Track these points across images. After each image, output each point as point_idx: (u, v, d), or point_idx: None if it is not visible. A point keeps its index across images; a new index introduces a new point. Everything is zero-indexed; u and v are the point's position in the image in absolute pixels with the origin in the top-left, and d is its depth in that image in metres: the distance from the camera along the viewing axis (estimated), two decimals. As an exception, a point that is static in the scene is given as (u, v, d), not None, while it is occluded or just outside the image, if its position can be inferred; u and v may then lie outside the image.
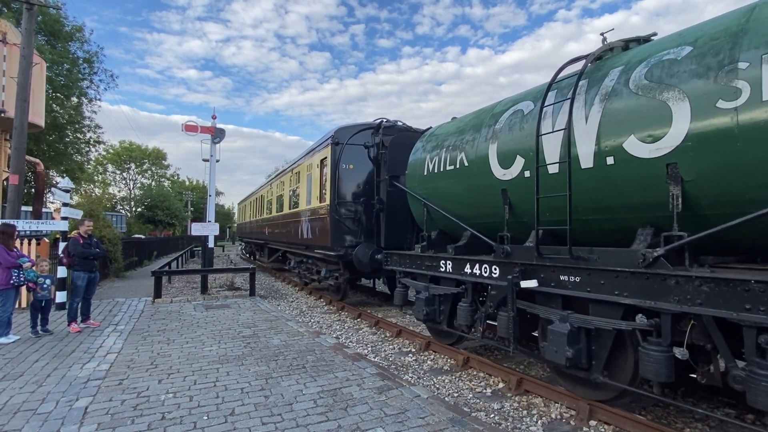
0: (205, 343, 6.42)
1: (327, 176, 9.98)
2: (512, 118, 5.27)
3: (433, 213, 6.73)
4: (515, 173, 5.01)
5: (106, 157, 56.91)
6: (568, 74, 4.82)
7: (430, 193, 6.74)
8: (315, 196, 10.88)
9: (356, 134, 9.78)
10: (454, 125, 6.81)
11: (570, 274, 4.20)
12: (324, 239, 9.90)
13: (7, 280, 6.41)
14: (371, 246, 9.14)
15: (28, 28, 10.52)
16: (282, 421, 3.82)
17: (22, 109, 10.24)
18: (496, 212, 5.33)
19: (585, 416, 4.18)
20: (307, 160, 11.96)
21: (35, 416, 3.89)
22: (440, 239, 6.77)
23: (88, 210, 14.37)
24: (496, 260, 5.10)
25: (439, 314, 6.28)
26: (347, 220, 9.52)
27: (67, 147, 22.92)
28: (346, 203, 9.60)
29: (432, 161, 6.69)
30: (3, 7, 18.65)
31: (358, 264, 9.04)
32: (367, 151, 9.74)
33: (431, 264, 6.42)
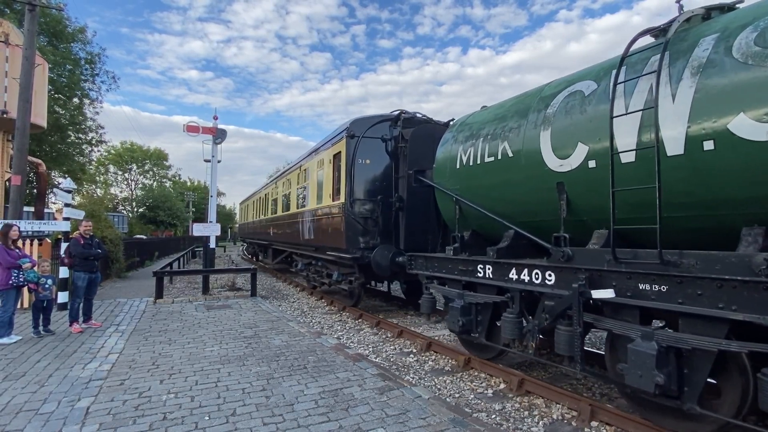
0: (207, 344, 6.42)
1: (341, 172, 9.25)
2: (569, 101, 4.59)
3: (467, 211, 6.07)
4: (575, 163, 4.34)
5: (108, 158, 57.03)
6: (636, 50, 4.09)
7: (464, 189, 6.05)
8: (327, 194, 10.08)
9: (373, 126, 9.05)
10: (491, 112, 6.11)
11: (654, 282, 3.51)
12: (337, 240, 9.21)
13: (6, 280, 6.42)
14: (390, 248, 8.43)
15: (31, 29, 10.55)
16: (283, 421, 3.82)
17: (25, 110, 10.27)
18: (548, 209, 4.71)
19: (587, 417, 4.17)
20: (318, 156, 11.23)
21: (37, 416, 3.89)
22: (474, 240, 6.08)
23: (89, 210, 14.39)
24: (552, 265, 4.38)
25: (476, 325, 5.57)
26: (363, 220, 8.82)
27: (69, 148, 22.97)
28: (362, 201, 8.89)
29: (466, 153, 6.00)
30: (5, 8, 18.70)
31: (377, 268, 8.34)
32: (384, 145, 9.06)
33: (466, 268, 5.69)
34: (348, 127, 9.08)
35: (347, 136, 8.97)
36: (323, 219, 10.30)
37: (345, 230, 8.83)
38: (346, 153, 8.99)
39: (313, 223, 11.12)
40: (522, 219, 5.22)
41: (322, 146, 10.98)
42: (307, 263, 12.62)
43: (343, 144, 9.22)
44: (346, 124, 9.29)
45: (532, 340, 4.73)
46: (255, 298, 11.01)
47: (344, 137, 9.11)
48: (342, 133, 9.35)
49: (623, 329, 3.77)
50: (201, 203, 59.99)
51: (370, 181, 9.03)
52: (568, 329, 4.13)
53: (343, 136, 9.26)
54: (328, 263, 10.81)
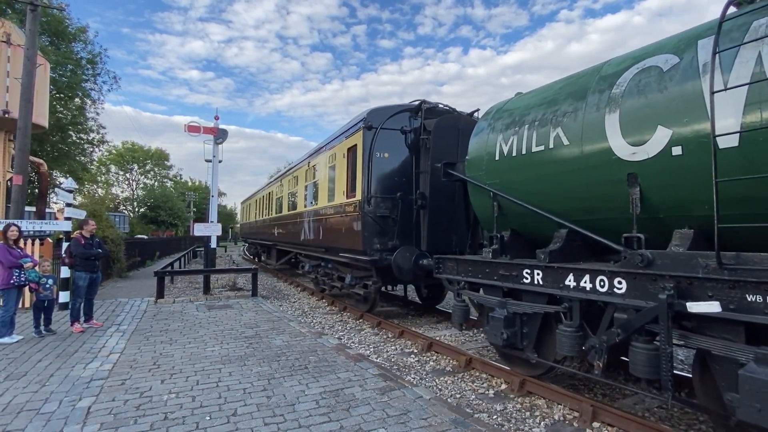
0: (208, 344, 6.42)
1: (356, 167, 8.57)
2: (643, 78, 3.99)
3: (507, 208, 5.41)
4: (654, 150, 3.73)
5: (109, 158, 57.15)
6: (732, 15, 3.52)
7: (504, 183, 5.38)
8: (340, 192, 9.41)
9: (392, 117, 8.35)
10: (535, 96, 5.46)
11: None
12: (353, 241, 8.56)
13: (8, 280, 6.43)
14: (413, 250, 7.78)
15: (32, 29, 10.56)
16: (284, 421, 3.82)
17: (26, 109, 10.28)
18: (612, 205, 4.16)
19: (588, 418, 4.16)
20: (329, 150, 10.50)
21: (38, 416, 3.89)
22: (513, 242, 5.42)
23: (91, 210, 14.39)
24: (624, 271, 3.74)
25: (521, 338, 4.96)
26: (382, 219, 8.13)
27: (70, 148, 23.00)
28: (380, 199, 8.19)
29: (506, 143, 5.34)
30: (7, 8, 18.74)
31: (398, 271, 7.67)
32: (404, 138, 8.40)
33: (508, 273, 5.05)
34: (365, 117, 8.34)
35: (364, 127, 8.23)
36: (335, 218, 9.65)
37: (362, 230, 8.16)
38: (363, 146, 8.29)
39: (324, 222, 10.47)
40: (577, 217, 4.56)
41: (334, 140, 10.23)
42: (315, 265, 12.02)
43: (359, 136, 8.52)
44: (363, 115, 8.56)
45: (598, 359, 4.04)
46: (256, 298, 11.01)
47: (361, 129, 8.38)
48: (358, 125, 8.64)
49: (729, 350, 3.12)
50: (202, 203, 60.06)
51: (388, 177, 8.34)
52: (650, 348, 3.49)
53: (359, 127, 8.51)
54: (339, 265, 10.17)
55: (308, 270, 12.61)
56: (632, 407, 4.57)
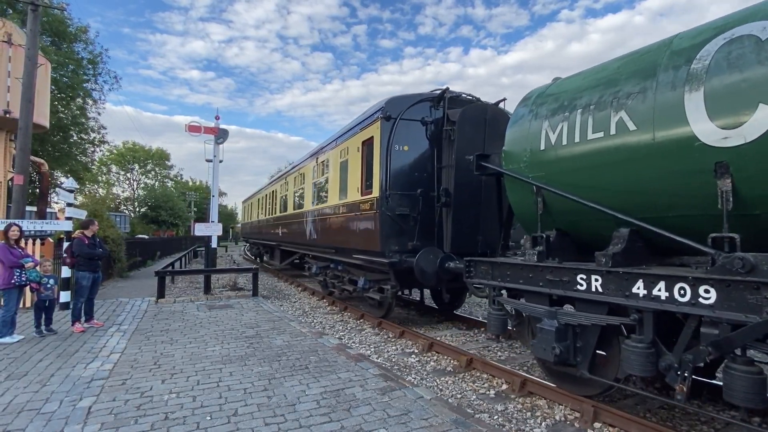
0: (208, 344, 6.42)
1: (373, 162, 7.95)
2: (734, 49, 3.43)
3: (553, 204, 4.78)
4: (754, 134, 3.16)
5: (110, 158, 57.22)
6: None
7: (551, 176, 4.73)
8: (354, 188, 8.78)
9: (412, 107, 7.73)
10: (587, 77, 4.80)
11: None
12: (369, 241, 7.97)
13: (8, 280, 6.44)
14: (437, 251, 7.18)
15: (33, 29, 10.57)
16: (285, 421, 3.81)
17: (27, 109, 10.29)
18: (693, 201, 3.62)
19: (589, 418, 4.16)
20: (341, 144, 9.81)
21: (39, 416, 3.89)
22: (560, 243, 4.78)
23: (92, 210, 14.40)
24: (717, 277, 3.16)
25: (575, 354, 4.33)
26: (401, 218, 7.53)
27: (71, 147, 23.03)
28: (399, 195, 7.58)
29: (554, 130, 4.73)
30: (8, 8, 18.76)
31: (421, 275, 7.05)
32: (424, 129, 7.81)
33: (558, 279, 4.38)
34: (383, 107, 7.70)
35: (382, 117, 7.58)
36: (348, 217, 9.03)
37: (379, 229, 7.54)
38: (381, 138, 7.67)
39: (334, 221, 9.88)
40: (644, 214, 3.98)
41: (347, 133, 9.58)
42: (324, 267, 11.44)
43: (376, 128, 7.86)
44: (381, 104, 7.94)
45: (680, 381, 3.41)
46: (256, 298, 11.01)
47: (378, 119, 7.74)
48: (375, 115, 7.98)
49: None
50: (203, 203, 60.13)
51: (408, 172, 7.73)
52: (754, 371, 3.02)
53: (376, 117, 7.86)
54: (350, 267, 9.57)
55: (315, 272, 12.01)
56: (633, 407, 4.56)
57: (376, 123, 7.86)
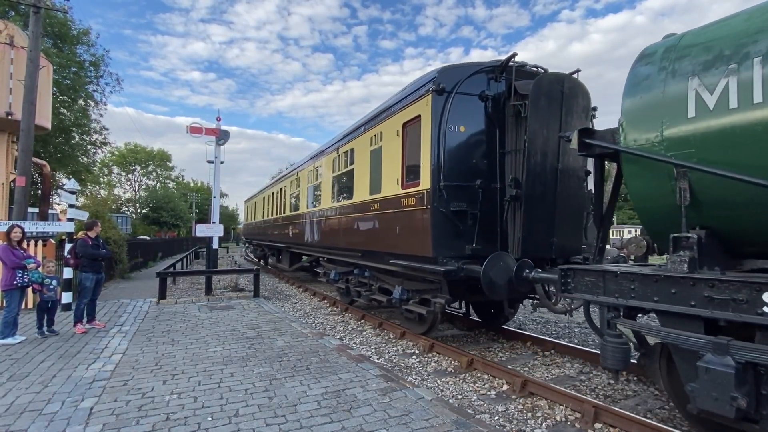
0: (210, 344, 6.44)
1: (420, 146, 6.59)
2: None
3: (707, 193, 3.54)
4: None
5: (112, 159, 57.39)
6: None
7: (707, 152, 3.49)
8: (392, 180, 7.44)
9: (468, 79, 6.42)
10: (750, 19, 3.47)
11: None
12: (414, 244, 6.62)
13: (11, 281, 6.46)
14: (508, 257, 5.76)
15: (35, 31, 10.62)
16: (286, 422, 3.82)
17: (29, 111, 10.33)
18: None
19: (590, 419, 4.16)
20: (372, 130, 8.44)
21: (41, 416, 3.91)
22: (711, 246, 3.64)
23: (93, 212, 14.46)
24: None
25: (758, 405, 3.12)
26: (458, 215, 6.17)
27: (73, 149, 23.10)
28: (456, 188, 6.20)
29: (713, 90, 3.49)
30: (10, 11, 18.84)
31: (489, 287, 5.54)
32: (483, 106, 6.47)
33: (725, 297, 3.22)
34: (435, 77, 6.36)
35: (434, 90, 6.22)
36: (383, 215, 7.70)
37: (431, 229, 6.20)
38: (432, 116, 6.30)
39: (362, 220, 8.62)
40: None
41: (381, 114, 8.13)
42: (345, 272, 10.18)
43: (425, 104, 6.50)
44: (431, 75, 6.55)
45: None
46: (258, 299, 11.03)
47: (429, 93, 6.37)
48: (424, 89, 6.62)
49: None
50: (204, 204, 60.28)
51: (465, 159, 6.39)
52: None
53: (426, 91, 6.49)
54: (380, 274, 8.39)
55: (334, 278, 10.63)
56: (634, 408, 4.56)
57: (425, 98, 6.49)
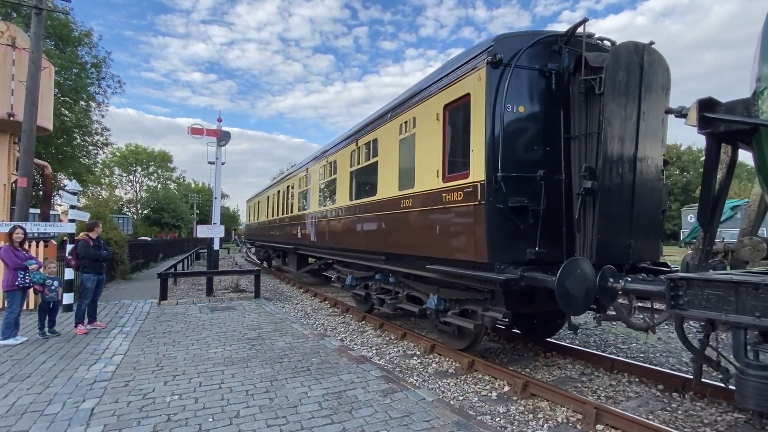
0: (211, 345, 6.44)
1: (472, 130, 5.51)
2: None
3: None
4: None
5: (113, 160, 57.51)
6: None
7: None
8: (429, 172, 6.41)
9: (529, 49, 5.38)
10: None
11: None
12: (463, 247, 5.62)
13: (12, 282, 6.47)
14: (586, 264, 4.62)
15: (37, 32, 10.65)
16: (287, 423, 3.82)
17: (31, 112, 10.36)
18: None
19: (592, 420, 4.15)
20: (402, 115, 7.38)
21: (42, 417, 3.91)
22: None
23: (95, 212, 14.49)
24: None
25: None
26: (518, 213, 5.19)
27: (74, 150, 23.16)
28: (515, 180, 5.19)
29: None
30: (12, 12, 18.91)
31: (565, 300, 4.44)
32: (545, 82, 5.47)
33: None
34: (492, 46, 5.29)
35: (489, 63, 5.15)
36: (418, 213, 6.67)
37: (487, 230, 5.17)
38: (487, 94, 5.25)
39: (389, 219, 7.65)
40: None
41: (415, 96, 7.07)
42: (363, 277, 9.33)
43: (477, 79, 5.44)
44: (487, 43, 5.42)
45: None
46: (258, 300, 11.03)
47: (483, 66, 5.31)
48: (477, 60, 5.52)
49: None
50: (205, 205, 60.36)
51: (525, 145, 5.40)
52: None
53: (479, 64, 5.42)
54: (411, 280, 7.44)
55: (351, 283, 9.76)
56: (636, 409, 4.54)
57: (477, 73, 5.45)
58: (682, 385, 5.05)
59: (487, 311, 5.59)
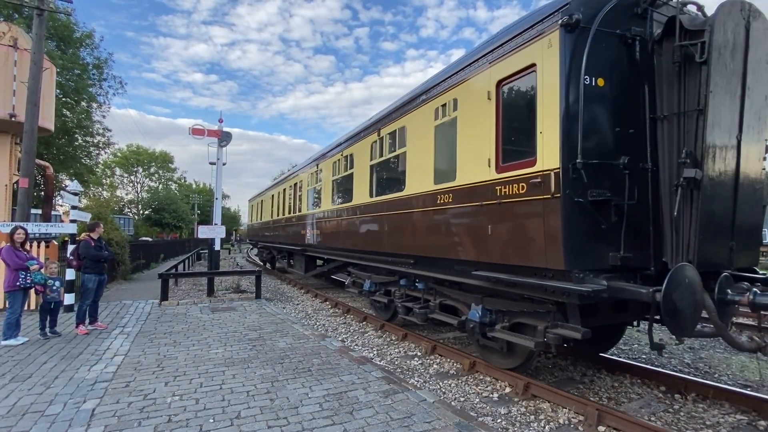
0: (212, 346, 6.43)
1: (540, 108, 4.56)
2: None
3: None
4: None
5: (114, 161, 57.57)
6: None
7: None
8: (478, 161, 5.41)
9: (611, 9, 4.45)
10: None
11: None
12: (528, 250, 4.66)
13: (14, 282, 6.48)
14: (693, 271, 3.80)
15: (39, 33, 10.67)
16: (288, 424, 3.81)
17: (32, 113, 10.38)
18: None
19: (593, 422, 4.13)
20: (438, 99, 6.45)
21: (43, 418, 3.91)
22: None
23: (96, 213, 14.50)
24: None
25: None
26: (599, 208, 4.32)
27: (76, 150, 23.20)
28: (596, 168, 4.29)
29: None
30: (14, 13, 18.96)
31: (673, 316, 3.71)
32: (627, 50, 4.56)
33: None
34: (567, 4, 4.37)
35: (564, 25, 4.31)
36: (464, 210, 5.69)
37: (563, 229, 4.24)
38: (561, 62, 4.33)
39: (423, 217, 6.67)
40: None
41: (458, 74, 6.05)
42: (384, 282, 8.55)
43: (547, 46, 4.51)
44: (562, 1, 4.45)
45: None
46: (259, 300, 11.03)
47: (556, 29, 4.40)
48: (547, 23, 4.57)
49: None
50: (206, 205, 60.40)
51: (606, 127, 4.48)
52: None
53: (551, 26, 4.49)
54: (445, 287, 6.60)
55: (369, 288, 8.92)
56: (638, 411, 4.53)
57: (546, 38, 4.53)
58: (685, 386, 5.04)
59: (555, 327, 4.61)
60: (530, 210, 4.65)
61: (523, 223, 4.76)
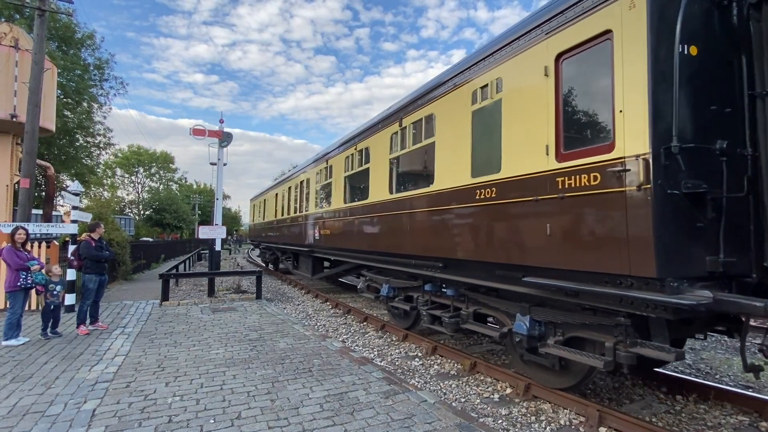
0: (212, 346, 6.43)
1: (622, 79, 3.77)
2: None
3: None
4: None
5: (115, 161, 57.64)
6: None
7: None
8: (532, 149, 4.63)
9: None
10: None
11: None
12: (599, 252, 3.86)
13: (15, 282, 6.49)
14: None
15: (40, 34, 10.69)
16: (288, 425, 3.81)
17: (34, 113, 10.40)
18: None
19: (595, 422, 4.13)
20: (476, 80, 5.65)
21: (44, 418, 3.91)
22: None
23: (97, 213, 14.51)
24: None
25: None
26: (694, 201, 3.60)
27: (77, 151, 23.23)
28: (692, 155, 3.60)
29: None
30: (15, 14, 18.99)
31: None
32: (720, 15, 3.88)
33: None
34: None
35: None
36: (510, 206, 4.89)
37: (655, 228, 3.45)
38: (649, 27, 3.60)
39: (456, 216, 5.88)
40: None
41: (503, 49, 5.25)
42: (405, 287, 7.84)
43: (628, 7, 3.76)
44: None
45: None
46: (260, 301, 11.03)
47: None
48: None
49: None
50: (207, 206, 60.45)
51: (700, 104, 3.77)
52: None
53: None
54: (481, 294, 5.93)
55: (387, 294, 8.16)
56: (639, 412, 4.52)
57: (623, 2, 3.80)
58: (686, 387, 5.03)
59: (633, 345, 3.86)
60: (606, 205, 3.83)
61: (596, 222, 3.94)
